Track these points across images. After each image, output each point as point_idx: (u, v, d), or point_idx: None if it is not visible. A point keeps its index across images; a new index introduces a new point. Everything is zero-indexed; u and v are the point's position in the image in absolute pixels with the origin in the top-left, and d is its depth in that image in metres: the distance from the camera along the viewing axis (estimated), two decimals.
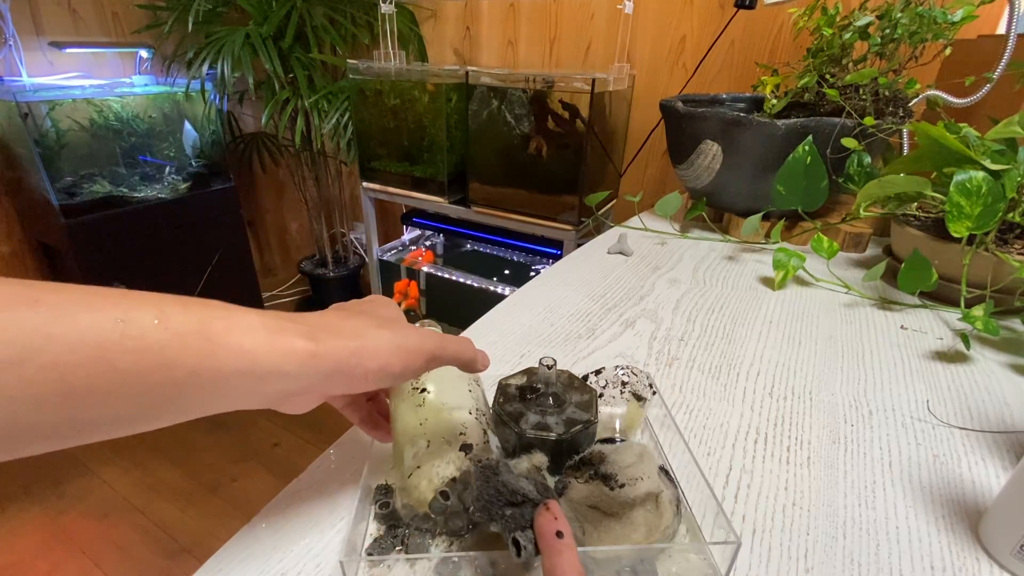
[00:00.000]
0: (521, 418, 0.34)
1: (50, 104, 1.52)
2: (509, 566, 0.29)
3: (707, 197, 0.87)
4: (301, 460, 0.95)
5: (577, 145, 1.30)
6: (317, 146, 1.92)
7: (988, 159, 0.57)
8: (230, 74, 1.55)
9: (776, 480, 0.38)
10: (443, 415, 0.33)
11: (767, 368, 0.51)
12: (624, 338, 0.56)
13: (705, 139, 0.79)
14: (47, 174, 1.49)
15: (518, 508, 0.26)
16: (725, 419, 0.44)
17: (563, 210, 1.37)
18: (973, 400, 0.47)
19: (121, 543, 1.33)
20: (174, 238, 1.80)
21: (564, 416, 0.34)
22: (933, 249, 0.62)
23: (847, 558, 0.32)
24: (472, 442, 0.32)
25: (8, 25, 1.49)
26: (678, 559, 0.30)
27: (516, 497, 0.26)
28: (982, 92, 0.76)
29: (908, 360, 0.53)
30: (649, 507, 0.29)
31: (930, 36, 0.73)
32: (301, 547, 0.31)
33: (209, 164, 1.92)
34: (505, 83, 1.32)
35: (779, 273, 0.68)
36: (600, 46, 1.48)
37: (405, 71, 1.46)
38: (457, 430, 0.33)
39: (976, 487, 0.37)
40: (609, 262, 0.76)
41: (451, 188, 1.53)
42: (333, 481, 0.36)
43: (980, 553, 0.32)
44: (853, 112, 0.75)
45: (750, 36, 1.28)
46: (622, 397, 0.40)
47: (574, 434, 0.33)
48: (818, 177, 0.73)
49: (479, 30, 1.64)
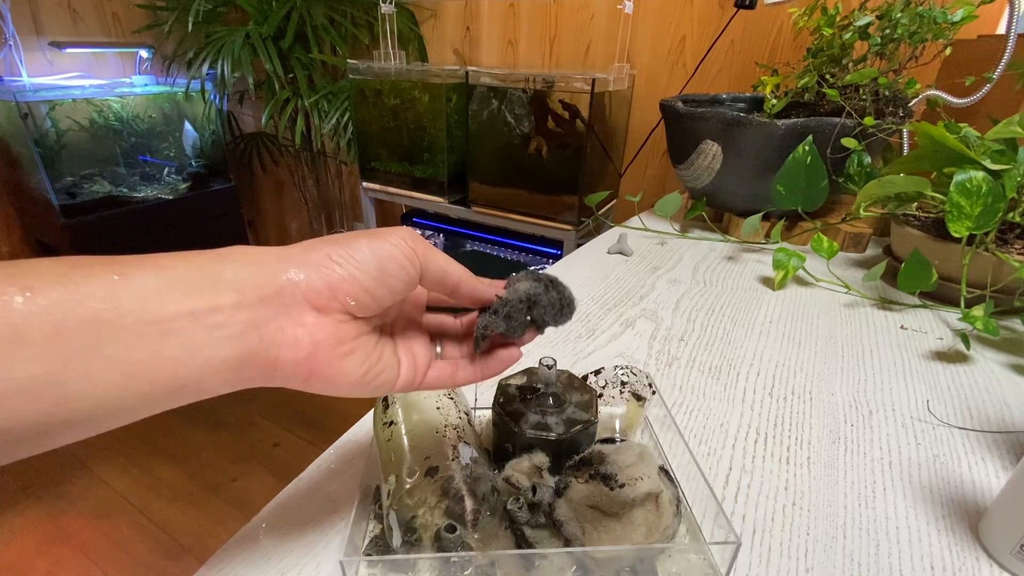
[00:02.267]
0: (521, 418, 0.34)
1: (50, 104, 1.52)
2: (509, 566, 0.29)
3: (707, 197, 0.87)
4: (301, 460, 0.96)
5: (577, 145, 1.30)
6: (317, 146, 1.92)
7: (988, 159, 0.57)
8: (230, 74, 1.55)
9: (776, 480, 0.38)
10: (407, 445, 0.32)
11: (767, 368, 0.51)
12: (624, 338, 0.56)
13: (705, 139, 0.79)
14: (47, 174, 1.49)
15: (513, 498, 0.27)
16: (725, 419, 0.44)
17: (563, 210, 1.37)
18: (973, 400, 0.47)
19: (121, 543, 1.33)
20: (174, 238, 1.80)
21: (564, 416, 0.34)
22: (933, 249, 0.62)
23: (847, 558, 0.32)
24: (436, 464, 0.31)
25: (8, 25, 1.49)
26: (678, 559, 0.30)
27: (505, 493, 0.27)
28: (982, 92, 0.76)
29: (908, 360, 0.53)
30: (649, 507, 0.29)
31: (930, 36, 0.73)
32: (301, 547, 0.31)
33: (209, 164, 1.92)
34: (505, 83, 1.32)
35: (779, 273, 0.68)
36: (600, 46, 1.48)
37: (405, 71, 1.46)
38: (423, 455, 0.32)
39: (976, 487, 0.37)
40: (609, 262, 0.76)
41: (451, 188, 1.53)
42: (333, 481, 0.36)
43: (980, 553, 0.32)
44: (853, 112, 0.75)
45: (750, 36, 1.27)
46: (622, 397, 0.40)
47: (574, 434, 0.33)
48: (818, 177, 0.73)
49: (479, 30, 1.64)
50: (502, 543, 0.30)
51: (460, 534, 0.29)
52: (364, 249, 0.24)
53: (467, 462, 0.31)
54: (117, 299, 0.19)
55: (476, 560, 0.29)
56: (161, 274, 0.20)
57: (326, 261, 0.23)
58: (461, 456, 0.32)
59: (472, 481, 0.31)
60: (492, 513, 0.31)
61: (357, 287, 0.23)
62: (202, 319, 0.20)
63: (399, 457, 0.32)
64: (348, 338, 0.24)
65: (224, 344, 0.21)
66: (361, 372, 0.25)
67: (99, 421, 0.20)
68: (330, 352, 0.23)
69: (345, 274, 0.23)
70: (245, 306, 0.21)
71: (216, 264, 0.21)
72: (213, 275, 0.21)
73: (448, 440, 0.33)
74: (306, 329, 0.23)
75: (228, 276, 0.21)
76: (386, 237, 0.24)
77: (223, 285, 0.21)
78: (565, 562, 0.29)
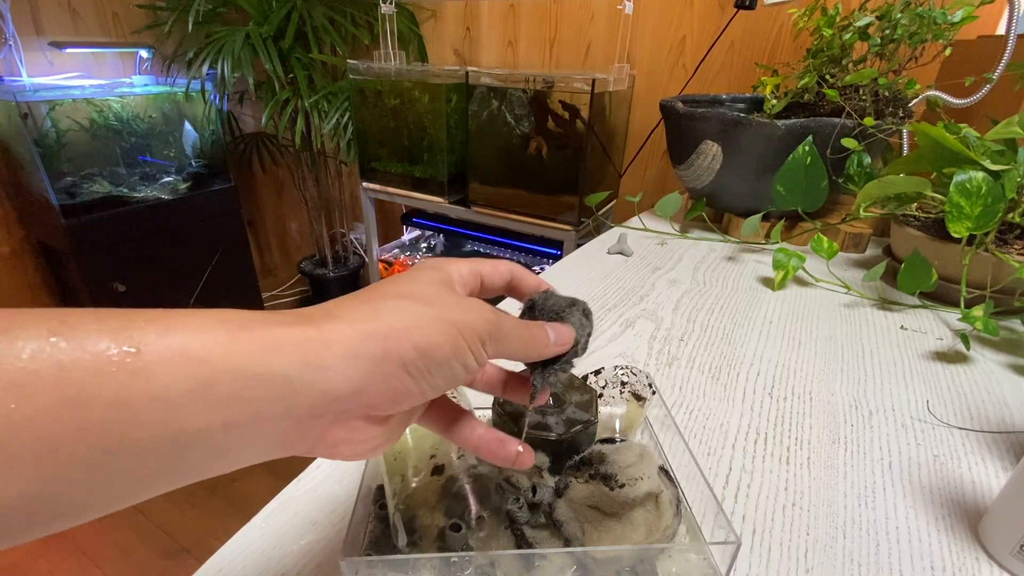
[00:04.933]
0: (521, 418, 0.34)
1: (50, 104, 1.52)
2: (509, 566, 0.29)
3: (707, 197, 0.87)
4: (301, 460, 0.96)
5: (577, 145, 1.30)
6: (317, 146, 1.92)
7: (988, 159, 0.57)
8: (230, 74, 1.55)
9: (776, 480, 0.38)
10: (411, 444, 0.32)
11: (767, 368, 0.51)
12: (624, 338, 0.56)
13: (705, 139, 0.79)
14: (47, 174, 1.49)
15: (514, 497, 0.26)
16: (725, 419, 0.44)
17: (563, 210, 1.37)
18: (973, 400, 0.47)
19: (121, 543, 1.33)
20: (174, 238, 1.80)
21: (564, 416, 0.34)
22: (933, 249, 0.62)
23: (847, 558, 0.32)
24: (442, 462, 0.31)
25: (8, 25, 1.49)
26: (678, 559, 0.30)
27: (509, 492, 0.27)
28: (982, 92, 0.76)
29: (908, 360, 0.53)
30: (649, 507, 0.29)
31: (930, 37, 0.73)
32: (301, 547, 0.31)
33: (209, 164, 1.92)
34: (505, 83, 1.32)
35: (779, 273, 0.68)
36: (600, 46, 1.48)
37: (405, 71, 1.46)
38: (428, 454, 0.32)
39: (976, 487, 0.37)
40: (609, 262, 0.76)
41: (451, 188, 1.53)
42: (333, 481, 0.36)
43: (980, 553, 0.32)
44: (853, 112, 0.75)
45: (750, 36, 1.28)
46: (622, 397, 0.40)
47: (574, 434, 0.33)
48: (818, 177, 0.73)
49: (479, 30, 1.64)
50: (502, 543, 0.30)
51: (465, 533, 0.29)
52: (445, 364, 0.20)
53: (473, 460, 0.31)
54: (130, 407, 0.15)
55: (476, 560, 0.29)
56: (190, 374, 0.16)
57: (401, 374, 0.19)
58: (467, 455, 0.32)
59: (476, 480, 0.31)
60: (494, 512, 0.31)
61: (421, 397, 0.20)
62: (236, 430, 0.17)
63: (404, 456, 0.32)
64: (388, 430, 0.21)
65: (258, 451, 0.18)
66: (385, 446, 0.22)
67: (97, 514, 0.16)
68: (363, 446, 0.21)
69: (416, 390, 0.20)
70: (294, 418, 0.18)
71: (264, 365, 0.17)
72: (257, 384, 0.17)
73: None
74: (348, 432, 0.20)
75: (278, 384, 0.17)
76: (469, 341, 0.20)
77: (270, 394, 0.17)
78: (565, 562, 0.29)
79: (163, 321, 0.16)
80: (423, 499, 0.30)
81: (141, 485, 0.16)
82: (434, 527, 0.30)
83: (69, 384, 0.14)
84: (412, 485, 0.29)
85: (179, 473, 0.17)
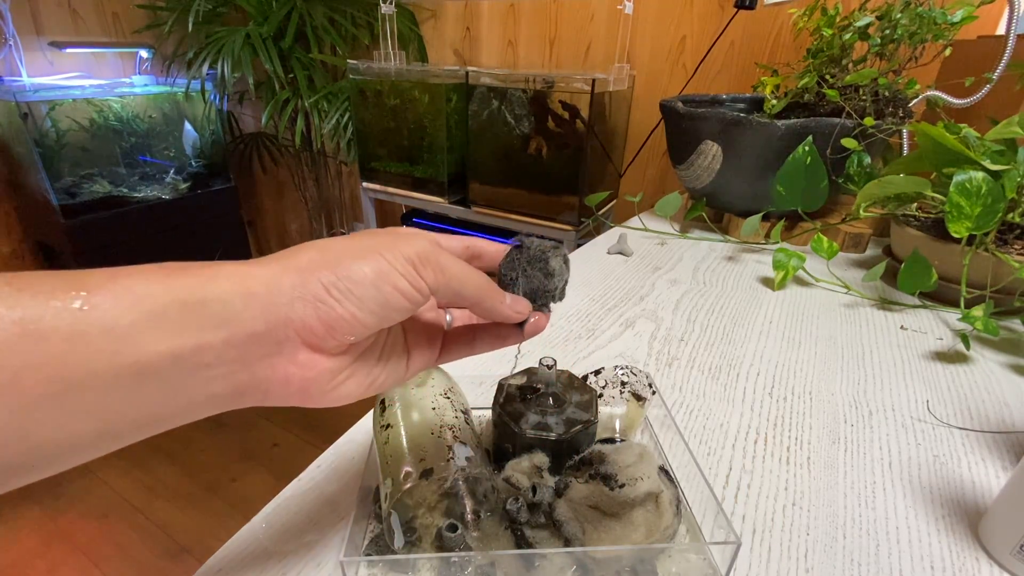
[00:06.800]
0: (521, 418, 0.34)
1: (50, 104, 1.52)
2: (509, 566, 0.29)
3: (707, 197, 0.87)
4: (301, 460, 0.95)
5: (577, 145, 1.30)
6: (317, 146, 1.92)
7: (988, 159, 0.57)
8: (230, 74, 1.55)
9: (776, 480, 0.38)
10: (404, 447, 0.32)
11: (767, 368, 0.51)
12: (624, 338, 0.56)
13: (705, 139, 0.79)
14: (47, 174, 1.49)
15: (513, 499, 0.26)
16: (725, 419, 0.44)
17: (563, 210, 1.37)
18: (973, 400, 0.47)
19: (121, 543, 1.32)
20: (174, 238, 1.80)
21: (564, 416, 0.34)
22: (933, 249, 0.62)
23: (847, 558, 0.32)
24: (431, 466, 0.31)
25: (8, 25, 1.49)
26: (678, 559, 0.30)
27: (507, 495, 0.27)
28: (982, 92, 0.76)
29: (908, 360, 0.53)
30: (649, 507, 0.29)
31: (930, 37, 0.73)
32: (301, 547, 0.31)
33: (209, 164, 1.92)
34: (505, 83, 1.32)
35: (779, 273, 0.68)
36: (600, 46, 1.48)
37: (405, 71, 1.46)
38: (419, 457, 0.32)
39: (976, 487, 0.37)
40: (609, 262, 0.76)
41: (451, 188, 1.53)
42: (333, 481, 0.36)
43: (980, 553, 0.32)
44: (853, 112, 0.75)
45: (750, 36, 1.28)
46: (622, 397, 0.40)
47: (574, 434, 0.33)
48: (818, 177, 0.73)
49: (479, 30, 1.64)
50: (502, 543, 0.30)
51: (462, 533, 0.29)
52: (367, 283, 0.21)
53: (463, 463, 0.31)
54: (84, 337, 0.16)
55: (476, 560, 0.29)
56: (137, 306, 0.17)
57: (323, 295, 0.20)
58: (456, 457, 0.31)
59: (470, 481, 0.31)
60: (492, 513, 0.31)
61: (357, 325, 0.21)
62: (185, 360, 0.18)
63: (396, 460, 0.31)
64: (344, 367, 0.22)
65: (210, 383, 0.19)
66: (363, 389, 0.23)
67: (73, 459, 0.18)
68: (325, 384, 0.22)
69: (345, 313, 0.21)
70: (234, 344, 0.19)
71: (200, 293, 0.19)
72: (197, 309, 0.19)
73: (444, 441, 0.33)
74: (298, 368, 0.21)
75: (216, 309, 0.19)
76: (392, 262, 0.21)
77: (209, 320, 0.19)
78: (565, 562, 0.29)
79: (110, 271, 0.18)
80: (420, 499, 0.30)
81: (107, 426, 0.18)
82: (432, 526, 0.30)
83: (28, 320, 0.16)
84: (404, 487, 0.29)
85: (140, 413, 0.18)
